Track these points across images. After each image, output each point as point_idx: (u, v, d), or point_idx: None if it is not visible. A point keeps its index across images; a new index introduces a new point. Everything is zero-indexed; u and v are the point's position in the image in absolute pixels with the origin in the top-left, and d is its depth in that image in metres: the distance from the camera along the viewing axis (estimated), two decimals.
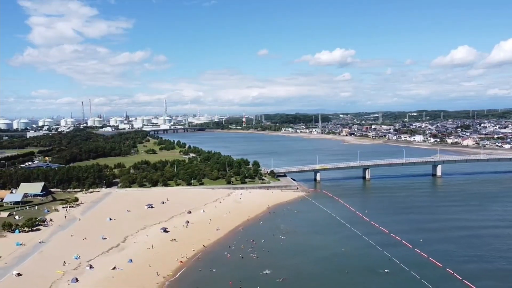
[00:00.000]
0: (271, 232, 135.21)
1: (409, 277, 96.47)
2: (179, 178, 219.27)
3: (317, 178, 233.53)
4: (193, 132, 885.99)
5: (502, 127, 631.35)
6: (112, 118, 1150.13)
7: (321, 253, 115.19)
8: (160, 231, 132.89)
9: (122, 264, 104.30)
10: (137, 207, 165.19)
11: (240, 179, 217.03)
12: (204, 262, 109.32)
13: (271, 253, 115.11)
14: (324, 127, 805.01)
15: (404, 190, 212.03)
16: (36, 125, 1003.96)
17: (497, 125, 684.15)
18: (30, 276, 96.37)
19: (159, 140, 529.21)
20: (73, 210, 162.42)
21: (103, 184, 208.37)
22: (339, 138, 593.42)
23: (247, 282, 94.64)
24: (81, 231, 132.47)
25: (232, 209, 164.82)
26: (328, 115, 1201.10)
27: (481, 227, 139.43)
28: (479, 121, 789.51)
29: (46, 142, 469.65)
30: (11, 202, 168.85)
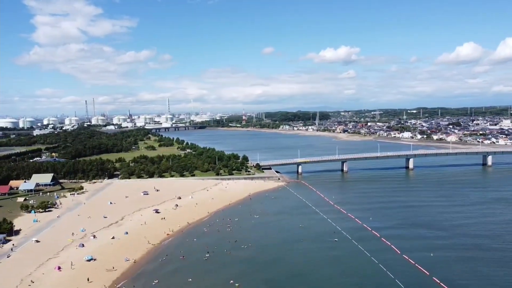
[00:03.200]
0: (247, 213, 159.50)
1: (351, 245, 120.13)
2: (173, 170, 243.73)
3: (299, 171, 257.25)
4: (193, 130, 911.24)
5: (493, 124, 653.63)
6: (116, 117, 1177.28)
7: (284, 228, 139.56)
8: (152, 212, 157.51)
9: (119, 235, 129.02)
10: (134, 194, 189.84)
11: (228, 171, 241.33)
12: (187, 234, 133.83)
13: (243, 228, 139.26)
14: (321, 124, 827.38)
15: (376, 180, 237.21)
16: (41, 123, 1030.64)
17: (489, 122, 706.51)
18: (46, 242, 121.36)
19: (160, 137, 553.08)
20: (79, 196, 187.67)
21: (105, 175, 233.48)
22: (333, 135, 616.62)
23: (219, 247, 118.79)
24: (86, 212, 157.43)
25: (217, 196, 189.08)
26: (329, 113, 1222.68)
27: (424, 204, 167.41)
28: (474, 118, 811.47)
29: (52, 139, 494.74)
30: (25, 190, 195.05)
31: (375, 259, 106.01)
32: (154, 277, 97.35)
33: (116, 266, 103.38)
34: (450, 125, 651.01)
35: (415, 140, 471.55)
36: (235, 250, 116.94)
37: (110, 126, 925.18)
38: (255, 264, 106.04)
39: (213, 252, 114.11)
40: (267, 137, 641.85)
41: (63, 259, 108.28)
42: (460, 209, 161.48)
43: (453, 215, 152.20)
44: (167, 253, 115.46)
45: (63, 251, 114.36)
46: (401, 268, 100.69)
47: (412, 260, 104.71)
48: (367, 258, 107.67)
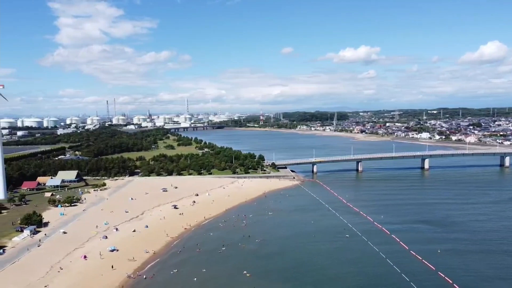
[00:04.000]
0: (262, 210, 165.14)
1: (361, 240, 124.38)
2: (191, 168, 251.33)
3: (314, 170, 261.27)
4: (211, 130, 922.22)
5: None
6: (136, 117, 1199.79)
7: (296, 224, 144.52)
8: (171, 208, 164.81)
9: (140, 228, 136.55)
10: (154, 191, 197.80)
11: (244, 170, 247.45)
12: (203, 229, 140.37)
13: (257, 224, 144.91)
14: (339, 124, 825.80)
15: (390, 180, 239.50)
16: (64, 123, 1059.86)
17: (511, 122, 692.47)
18: (73, 233, 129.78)
19: (178, 137, 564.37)
20: (102, 192, 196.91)
21: (126, 173, 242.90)
22: (350, 136, 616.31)
23: (234, 241, 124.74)
24: (109, 207, 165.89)
25: (233, 193, 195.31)
26: (348, 113, 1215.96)
27: (436, 203, 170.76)
28: (496, 119, 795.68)
29: (75, 138, 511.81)
30: (52, 185, 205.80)
31: (382, 254, 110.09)
32: (173, 267, 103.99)
33: (137, 257, 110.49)
34: (470, 125, 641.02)
35: (433, 141, 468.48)
36: (249, 244, 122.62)
37: (131, 126, 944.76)
38: (267, 257, 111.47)
39: (227, 246, 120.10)
40: (284, 137, 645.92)
41: (88, 249, 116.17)
42: (472, 209, 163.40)
43: (465, 214, 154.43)
44: (185, 245, 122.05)
45: (88, 242, 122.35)
46: (407, 263, 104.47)
47: (419, 256, 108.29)
48: (375, 253, 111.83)
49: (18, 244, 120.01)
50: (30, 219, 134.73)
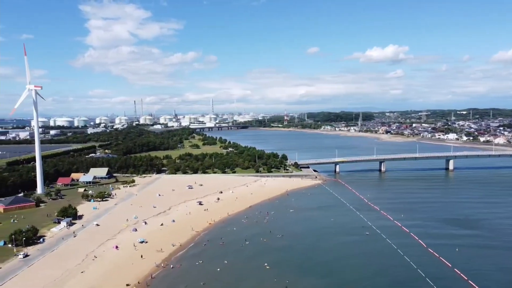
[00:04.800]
0: (283, 208, 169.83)
1: (380, 238, 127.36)
2: (216, 167, 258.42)
3: (336, 170, 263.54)
4: (236, 130, 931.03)
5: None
6: (162, 117, 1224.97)
7: (317, 221, 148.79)
8: (196, 204, 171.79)
9: (167, 222, 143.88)
10: (180, 188, 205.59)
11: (267, 169, 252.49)
12: (227, 224, 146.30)
13: (279, 221, 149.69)
14: (364, 125, 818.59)
15: (413, 180, 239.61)
16: (93, 122, 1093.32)
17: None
18: (105, 226, 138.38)
19: (203, 136, 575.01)
20: (131, 188, 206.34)
21: (154, 170, 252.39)
22: (375, 136, 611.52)
23: (256, 236, 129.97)
24: (138, 202, 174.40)
25: (256, 191, 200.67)
26: (374, 113, 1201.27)
27: (458, 204, 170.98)
28: None
29: (105, 137, 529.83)
30: (85, 181, 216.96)
31: (400, 251, 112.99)
32: (198, 258, 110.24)
33: (164, 248, 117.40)
34: (500, 126, 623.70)
35: (460, 142, 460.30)
36: (270, 238, 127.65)
37: (157, 126, 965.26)
38: (287, 251, 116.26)
39: (249, 240, 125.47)
40: (308, 137, 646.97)
41: (119, 240, 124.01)
42: (495, 209, 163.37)
43: (487, 214, 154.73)
44: (209, 239, 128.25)
45: (119, 234, 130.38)
46: (424, 259, 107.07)
47: (436, 254, 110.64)
48: (392, 250, 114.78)
49: (56, 234, 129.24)
50: (66, 212, 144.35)
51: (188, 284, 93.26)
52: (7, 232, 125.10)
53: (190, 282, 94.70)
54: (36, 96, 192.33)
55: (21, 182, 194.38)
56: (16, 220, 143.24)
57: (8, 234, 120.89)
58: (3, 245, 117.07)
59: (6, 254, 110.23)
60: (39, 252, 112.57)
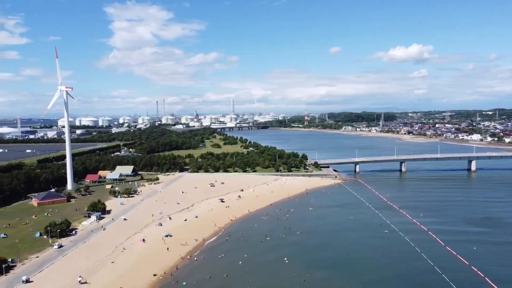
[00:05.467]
0: (303, 206, 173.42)
1: (398, 236, 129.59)
2: (237, 166, 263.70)
3: (356, 170, 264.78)
4: (256, 130, 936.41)
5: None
6: (183, 117, 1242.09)
7: (336, 219, 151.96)
8: (218, 201, 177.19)
9: (190, 218, 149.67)
10: (202, 185, 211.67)
11: (287, 168, 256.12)
12: (248, 221, 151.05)
13: (298, 218, 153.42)
14: (385, 125, 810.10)
15: (433, 180, 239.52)
16: (117, 122, 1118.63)
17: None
18: (132, 220, 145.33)
19: (224, 136, 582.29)
20: (155, 186, 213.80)
21: (177, 169, 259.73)
22: (396, 137, 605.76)
23: (276, 232, 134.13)
24: (162, 199, 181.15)
25: (276, 190, 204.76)
26: (396, 114, 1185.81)
27: (478, 204, 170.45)
28: None
29: (129, 136, 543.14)
30: (111, 178, 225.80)
31: (418, 249, 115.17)
32: (220, 252, 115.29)
33: (188, 242, 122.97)
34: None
35: (484, 143, 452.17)
36: (290, 235, 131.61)
37: (179, 125, 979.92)
38: (306, 247, 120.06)
39: (270, 236, 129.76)
40: (328, 137, 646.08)
41: (146, 234, 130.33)
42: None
43: (506, 214, 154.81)
44: (230, 234, 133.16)
45: (145, 228, 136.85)
46: (441, 257, 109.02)
47: (454, 252, 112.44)
48: (410, 248, 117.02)
49: (87, 227, 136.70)
50: (95, 207, 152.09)
51: (212, 275, 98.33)
52: (42, 224, 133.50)
53: (214, 273, 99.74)
54: (67, 97, 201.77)
55: (52, 179, 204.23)
56: (50, 214, 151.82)
57: (43, 227, 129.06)
58: (39, 236, 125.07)
59: (43, 245, 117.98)
60: (72, 243, 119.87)
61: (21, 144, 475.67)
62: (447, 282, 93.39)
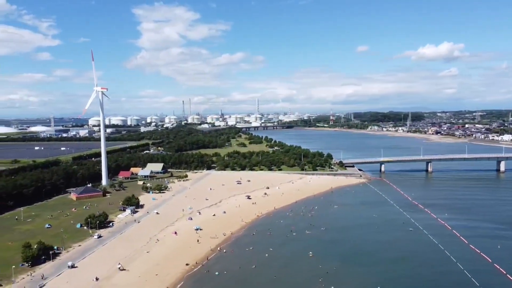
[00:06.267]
0: (328, 203, 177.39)
1: (421, 233, 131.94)
2: (262, 164, 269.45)
3: (382, 169, 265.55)
4: (281, 130, 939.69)
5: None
6: (209, 116, 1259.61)
7: (360, 217, 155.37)
8: (245, 198, 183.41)
9: (219, 213, 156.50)
10: (229, 183, 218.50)
11: (312, 167, 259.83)
12: (274, 217, 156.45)
13: (322, 215, 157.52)
14: (413, 125, 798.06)
15: (460, 180, 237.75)
16: (145, 121, 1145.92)
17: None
18: (164, 214, 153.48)
19: (250, 135, 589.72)
20: (185, 182, 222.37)
21: (204, 167, 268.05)
22: (424, 137, 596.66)
23: (301, 228, 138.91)
24: (191, 195, 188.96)
25: (301, 188, 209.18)
26: (424, 114, 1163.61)
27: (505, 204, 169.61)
28: None
29: (157, 135, 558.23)
30: (143, 175, 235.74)
31: (441, 246, 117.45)
32: (248, 245, 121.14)
33: (217, 235, 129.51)
34: None
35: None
36: (314, 231, 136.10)
37: (204, 125, 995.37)
38: (330, 242, 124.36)
39: (295, 231, 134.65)
40: (354, 137, 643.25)
41: (177, 227, 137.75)
42: None
43: None
44: (257, 229, 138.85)
45: (176, 222, 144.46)
46: (464, 255, 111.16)
47: (477, 249, 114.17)
48: (433, 245, 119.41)
49: (122, 220, 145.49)
50: (130, 201, 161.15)
51: (241, 266, 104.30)
52: (81, 216, 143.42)
53: (242, 264, 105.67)
54: (102, 97, 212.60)
55: (88, 175, 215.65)
56: (88, 207, 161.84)
57: (83, 219, 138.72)
58: (80, 227, 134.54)
59: (84, 235, 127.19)
60: (110, 234, 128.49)
61: (56, 142, 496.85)
62: (468, 277, 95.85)
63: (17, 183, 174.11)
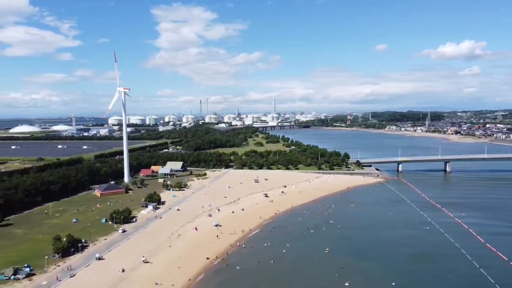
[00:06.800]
0: (344, 202, 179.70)
1: (438, 232, 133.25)
2: (279, 163, 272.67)
3: (399, 169, 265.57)
4: (298, 129, 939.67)
5: None
6: (226, 116, 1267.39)
7: (376, 215, 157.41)
8: (262, 196, 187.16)
9: (237, 211, 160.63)
10: (247, 181, 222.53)
11: (329, 166, 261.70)
12: (291, 214, 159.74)
13: (339, 213, 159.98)
14: (432, 125, 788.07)
15: (479, 181, 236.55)
16: (163, 121, 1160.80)
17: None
18: (184, 211, 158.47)
19: (266, 135, 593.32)
20: (203, 180, 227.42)
21: (222, 165, 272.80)
22: (443, 137, 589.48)
23: (317, 225, 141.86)
24: (210, 192, 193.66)
25: (318, 187, 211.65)
26: (444, 113, 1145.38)
27: None
28: None
29: (175, 135, 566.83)
30: (163, 173, 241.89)
31: (457, 244, 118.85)
32: (266, 241, 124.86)
33: (236, 231, 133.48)
34: None
35: None
36: (331, 228, 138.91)
37: (221, 124, 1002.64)
38: (346, 239, 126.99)
39: (311, 229, 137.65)
40: (371, 137, 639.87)
41: (198, 223, 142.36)
42: None
43: None
44: (275, 226, 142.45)
45: (197, 218, 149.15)
46: (480, 253, 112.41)
47: (493, 248, 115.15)
48: (449, 243, 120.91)
49: (145, 216, 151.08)
50: (151, 198, 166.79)
51: (260, 261, 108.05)
52: (106, 212, 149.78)
53: (261, 259, 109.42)
54: (125, 97, 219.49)
55: (111, 172, 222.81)
56: (111, 203, 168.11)
57: (107, 214, 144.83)
58: (105, 222, 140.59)
59: (109, 229, 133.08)
60: (134, 229, 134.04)
61: (77, 141, 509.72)
62: (483, 274, 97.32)
63: (44, 179, 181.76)
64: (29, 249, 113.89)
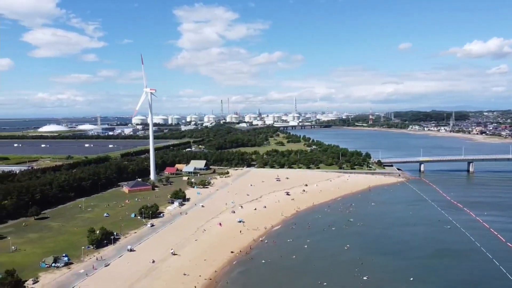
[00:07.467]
0: (365, 201, 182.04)
1: (459, 231, 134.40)
2: (301, 163, 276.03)
3: (421, 169, 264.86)
4: (319, 129, 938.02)
5: None
6: (247, 115, 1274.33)
7: (396, 214, 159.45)
8: (284, 194, 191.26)
9: (260, 208, 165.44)
10: (269, 180, 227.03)
11: (350, 166, 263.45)
12: (312, 212, 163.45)
13: (360, 212, 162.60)
14: (456, 125, 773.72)
15: (503, 181, 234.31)
16: (185, 120, 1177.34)
17: None
18: (208, 208, 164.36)
19: (287, 134, 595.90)
20: (226, 179, 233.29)
21: (244, 164, 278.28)
22: (467, 137, 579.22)
23: (338, 223, 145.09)
24: (233, 190, 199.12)
25: (339, 186, 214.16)
26: (469, 113, 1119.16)
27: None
28: None
29: (197, 134, 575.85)
30: (187, 171, 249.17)
31: (478, 243, 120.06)
32: (288, 237, 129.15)
33: (259, 227, 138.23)
34: None
35: None
36: (351, 226, 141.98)
37: (242, 124, 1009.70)
38: (366, 236, 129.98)
39: (332, 226, 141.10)
40: (394, 136, 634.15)
41: (222, 219, 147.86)
42: None
43: None
44: (296, 223, 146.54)
45: (221, 214, 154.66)
46: (500, 251, 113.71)
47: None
48: (470, 243, 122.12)
49: (171, 212, 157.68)
50: (177, 195, 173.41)
51: (282, 255, 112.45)
52: (134, 207, 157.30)
53: (284, 254, 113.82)
54: (151, 98, 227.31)
55: (137, 170, 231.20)
56: (139, 199, 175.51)
57: (136, 209, 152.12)
58: (134, 217, 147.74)
59: (138, 223, 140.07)
60: (161, 224, 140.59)
61: (103, 140, 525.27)
62: (503, 273, 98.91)
63: (76, 176, 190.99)
64: (65, 240, 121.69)
